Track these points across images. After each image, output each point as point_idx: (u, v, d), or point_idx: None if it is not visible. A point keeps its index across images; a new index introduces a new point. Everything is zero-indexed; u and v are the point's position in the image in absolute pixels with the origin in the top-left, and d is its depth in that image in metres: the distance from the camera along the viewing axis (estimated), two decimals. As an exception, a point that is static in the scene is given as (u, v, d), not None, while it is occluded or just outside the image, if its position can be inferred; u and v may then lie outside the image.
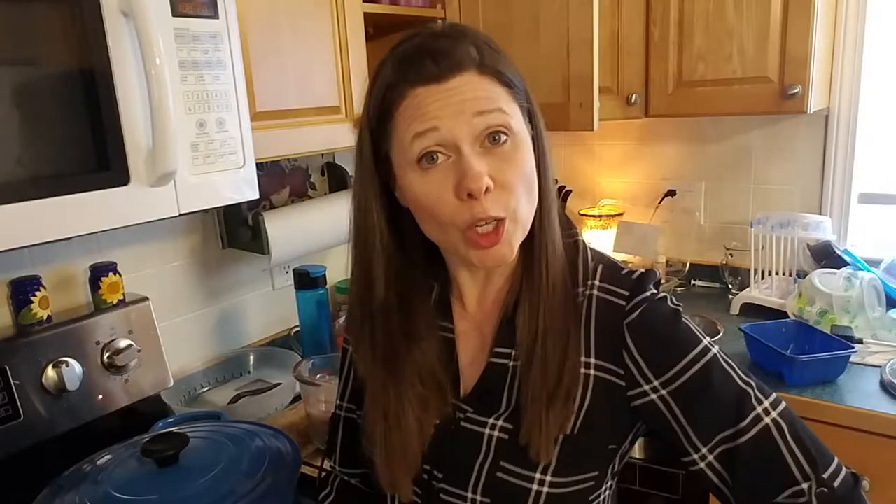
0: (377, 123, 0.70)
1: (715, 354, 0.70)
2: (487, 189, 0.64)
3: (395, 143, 0.68)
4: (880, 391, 1.35)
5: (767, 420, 0.68)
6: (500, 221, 0.66)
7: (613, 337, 0.71)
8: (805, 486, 0.66)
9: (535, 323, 0.71)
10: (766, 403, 0.69)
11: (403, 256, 0.75)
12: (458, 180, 0.64)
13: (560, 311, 0.72)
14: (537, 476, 0.70)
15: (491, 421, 0.73)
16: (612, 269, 0.75)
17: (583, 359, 0.71)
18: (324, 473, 0.96)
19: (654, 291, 0.73)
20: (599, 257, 0.77)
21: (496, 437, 0.72)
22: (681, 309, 0.73)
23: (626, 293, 0.72)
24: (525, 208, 0.68)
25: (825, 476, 0.67)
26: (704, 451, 0.69)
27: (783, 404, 0.70)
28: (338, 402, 0.91)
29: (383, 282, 0.74)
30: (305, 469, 1.14)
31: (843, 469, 0.69)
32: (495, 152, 0.66)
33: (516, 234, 0.68)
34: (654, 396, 0.70)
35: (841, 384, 1.39)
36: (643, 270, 0.74)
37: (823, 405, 1.32)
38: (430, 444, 0.75)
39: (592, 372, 0.71)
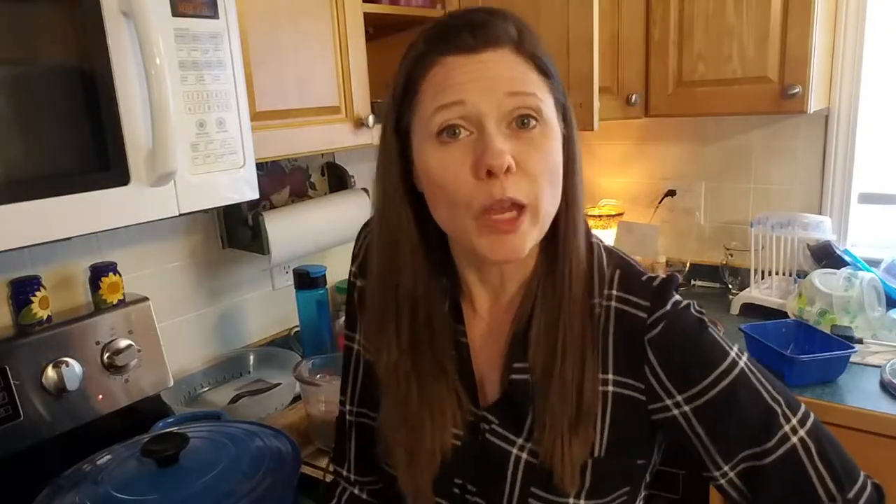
0: (402, 95, 0.66)
1: (743, 368, 0.67)
2: (509, 169, 0.60)
3: (416, 114, 0.65)
4: (880, 391, 1.35)
5: (795, 439, 0.65)
6: (520, 210, 0.62)
7: (634, 352, 0.67)
8: None
9: (552, 339, 0.68)
10: (794, 421, 0.66)
11: (427, 246, 0.71)
12: (478, 157, 0.60)
13: (579, 327, 0.68)
14: (571, 501, 0.68)
15: (520, 442, 0.70)
16: (630, 276, 0.70)
17: (601, 375, 0.68)
18: (329, 478, 0.93)
19: (677, 300, 0.68)
20: (616, 262, 0.72)
21: (524, 461, 0.70)
22: (705, 318, 0.69)
23: (647, 304, 0.67)
24: (547, 203, 0.64)
25: (850, 496, 0.64)
26: (726, 468, 0.66)
27: (811, 419, 0.67)
28: (348, 406, 0.86)
29: (411, 269, 0.70)
30: (305, 469, 1.14)
31: (869, 485, 0.66)
32: (522, 136, 0.62)
33: (532, 232, 0.64)
34: (676, 412, 0.67)
35: (841, 384, 1.39)
36: (663, 277, 0.70)
37: (823, 405, 1.32)
38: (457, 455, 0.73)
39: (611, 389, 0.68)
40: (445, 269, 0.75)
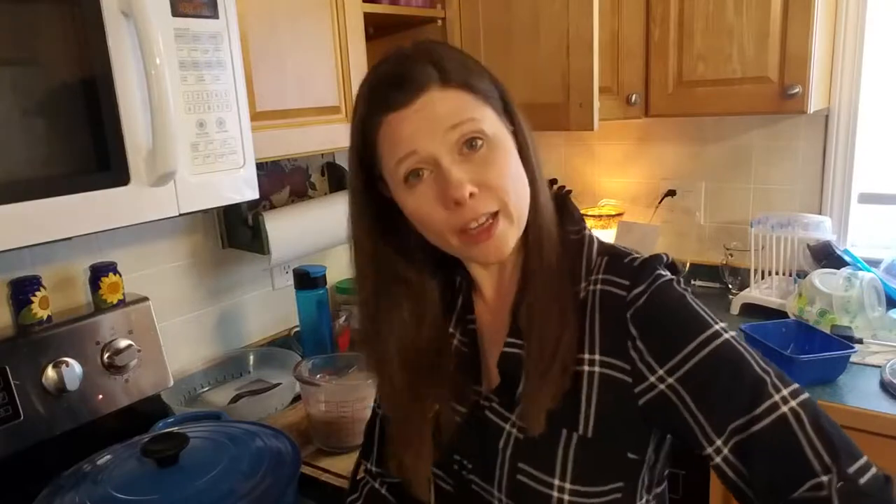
0: (364, 153, 0.73)
1: (727, 339, 0.67)
2: (472, 195, 0.67)
3: (383, 168, 0.72)
4: (880, 391, 1.35)
5: (785, 409, 0.64)
6: (493, 216, 0.69)
7: (618, 330, 0.70)
8: (825, 478, 0.61)
9: (531, 300, 0.72)
10: (785, 392, 0.65)
11: (406, 261, 0.78)
12: (443, 191, 0.68)
13: (554, 289, 0.72)
14: (556, 482, 0.69)
15: (512, 418, 0.73)
16: (615, 260, 0.74)
17: (586, 355, 0.70)
18: (358, 477, 0.94)
19: (659, 274, 0.70)
20: (606, 250, 0.76)
21: (514, 436, 0.73)
22: (688, 293, 0.71)
23: (627, 282, 0.70)
24: (516, 201, 0.70)
25: (849, 471, 0.61)
26: (719, 443, 0.65)
27: (805, 395, 0.65)
28: (377, 401, 0.91)
29: (385, 287, 0.78)
30: (305, 469, 1.14)
31: (873, 468, 0.63)
32: (473, 159, 0.68)
33: (510, 231, 0.70)
34: (661, 387, 0.67)
35: (841, 384, 1.39)
36: (646, 256, 0.72)
37: (823, 405, 1.30)
38: (458, 432, 0.77)
39: (597, 369, 0.70)
40: (457, 268, 0.82)
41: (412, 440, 0.78)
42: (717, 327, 0.68)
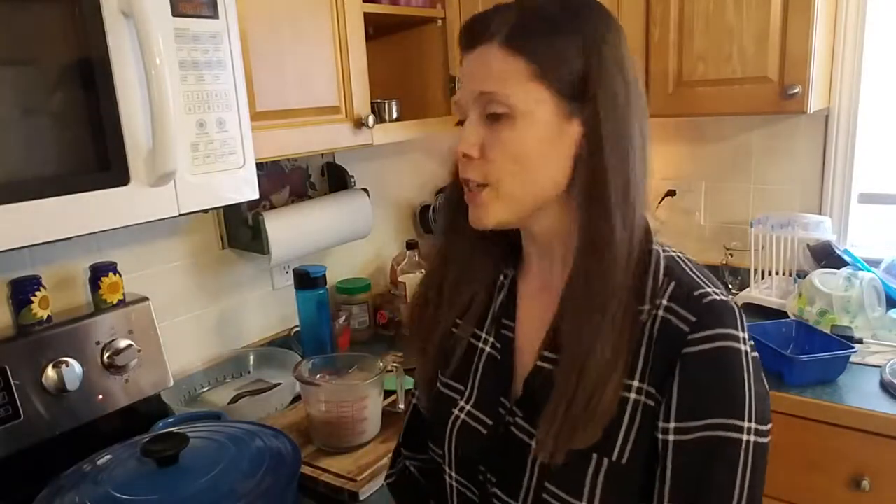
0: None
1: (744, 443, 0.63)
2: (472, 157, 0.69)
3: None
4: (880, 391, 1.35)
5: None
6: (480, 186, 0.69)
7: (667, 364, 0.65)
8: None
9: (577, 341, 0.67)
10: None
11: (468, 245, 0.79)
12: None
13: (609, 332, 0.65)
14: None
15: (539, 435, 0.70)
16: (684, 289, 0.67)
17: (635, 382, 0.66)
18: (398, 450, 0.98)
19: (733, 334, 0.64)
20: (672, 272, 0.69)
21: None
22: (750, 370, 0.64)
23: (693, 319, 0.64)
24: (511, 184, 0.68)
25: None
26: None
27: None
28: (414, 390, 0.95)
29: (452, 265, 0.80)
30: (305, 469, 1.14)
31: None
32: (493, 127, 0.68)
33: (495, 204, 0.69)
34: (664, 437, 0.65)
35: (841, 384, 1.39)
36: (719, 299, 0.66)
37: (823, 405, 1.32)
38: (483, 444, 0.75)
39: (636, 396, 0.66)
40: (513, 261, 0.81)
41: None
42: (751, 425, 0.63)
